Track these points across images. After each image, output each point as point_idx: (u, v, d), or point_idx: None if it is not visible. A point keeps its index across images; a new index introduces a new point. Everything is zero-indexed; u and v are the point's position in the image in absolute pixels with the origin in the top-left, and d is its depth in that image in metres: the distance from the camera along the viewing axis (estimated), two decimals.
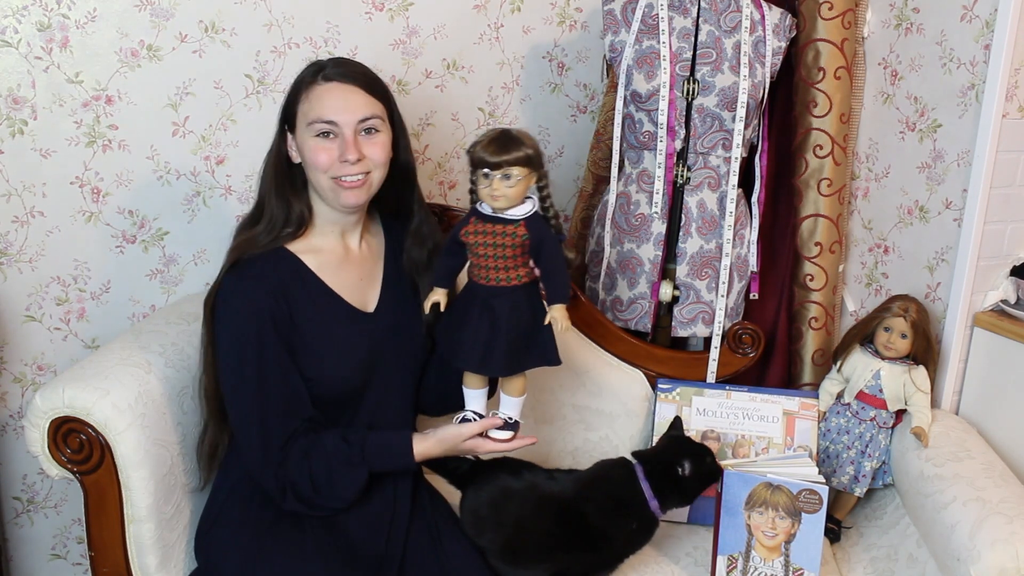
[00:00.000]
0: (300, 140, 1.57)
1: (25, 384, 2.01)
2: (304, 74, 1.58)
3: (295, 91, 1.58)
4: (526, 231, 1.48)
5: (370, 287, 1.67)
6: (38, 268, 1.95)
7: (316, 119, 1.54)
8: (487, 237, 1.49)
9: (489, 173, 1.46)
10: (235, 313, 1.52)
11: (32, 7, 1.83)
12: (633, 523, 1.64)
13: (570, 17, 2.30)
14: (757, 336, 2.03)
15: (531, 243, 1.49)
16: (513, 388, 1.58)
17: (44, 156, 1.91)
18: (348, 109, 1.54)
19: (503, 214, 1.49)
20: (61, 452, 1.50)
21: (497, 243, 1.49)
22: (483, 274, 1.51)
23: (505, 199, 1.47)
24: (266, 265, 1.54)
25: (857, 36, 2.09)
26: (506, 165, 1.45)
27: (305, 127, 1.55)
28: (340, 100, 1.54)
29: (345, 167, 1.54)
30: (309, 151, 1.55)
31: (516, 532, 1.62)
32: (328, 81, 1.55)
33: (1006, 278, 1.93)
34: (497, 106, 2.29)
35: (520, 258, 1.50)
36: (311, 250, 1.60)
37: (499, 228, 1.49)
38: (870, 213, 2.16)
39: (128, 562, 1.55)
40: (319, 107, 1.54)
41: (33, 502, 2.08)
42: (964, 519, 1.59)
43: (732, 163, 2.00)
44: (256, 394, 1.51)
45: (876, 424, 1.89)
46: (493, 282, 1.50)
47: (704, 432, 1.95)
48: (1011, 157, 1.85)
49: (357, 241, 1.67)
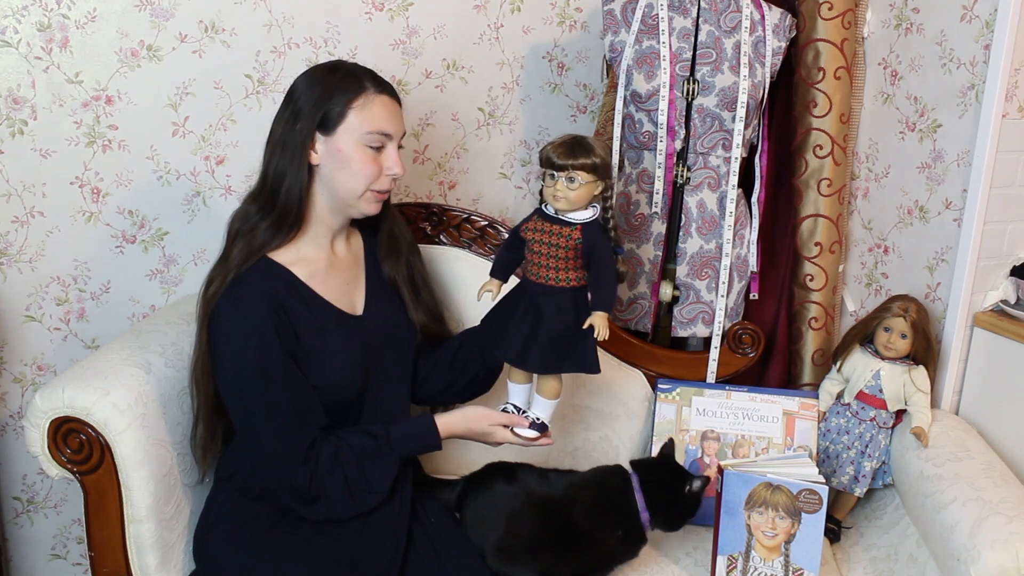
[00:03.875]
0: (341, 145, 1.54)
1: (25, 384, 2.01)
2: (346, 82, 1.54)
3: (344, 97, 1.53)
4: (581, 235, 1.52)
5: (355, 290, 1.67)
6: (38, 268, 1.96)
7: (377, 130, 1.54)
8: (544, 235, 1.54)
9: (555, 174, 1.51)
10: (238, 335, 1.50)
11: (32, 7, 1.83)
12: (620, 530, 1.64)
13: (570, 17, 2.30)
14: (757, 336, 2.03)
15: (584, 247, 1.52)
16: (547, 390, 1.62)
17: (44, 156, 1.91)
18: (399, 123, 1.58)
19: (564, 216, 1.53)
20: (61, 452, 1.50)
21: (552, 243, 1.53)
22: (535, 271, 1.55)
23: (566, 201, 1.51)
24: (259, 282, 1.52)
25: (857, 36, 2.09)
26: (571, 168, 1.50)
27: (359, 135, 1.53)
28: (394, 114, 1.57)
29: (387, 181, 1.58)
30: (356, 161, 1.54)
31: (507, 531, 1.63)
32: (382, 93, 1.56)
33: (1006, 278, 1.93)
34: (497, 106, 2.29)
35: (572, 261, 1.53)
36: (299, 260, 1.59)
37: (556, 228, 1.53)
38: (870, 213, 2.16)
39: (128, 562, 1.55)
40: (379, 119, 1.54)
41: (33, 502, 2.08)
42: (964, 519, 1.59)
43: (732, 163, 2.00)
44: (274, 412, 1.49)
45: (876, 424, 1.89)
46: (543, 280, 1.54)
47: (704, 432, 1.95)
48: (1011, 157, 1.85)
49: (343, 244, 1.68)
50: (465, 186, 2.32)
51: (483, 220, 2.00)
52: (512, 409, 1.64)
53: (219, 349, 1.52)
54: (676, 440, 1.95)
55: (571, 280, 1.54)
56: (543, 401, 1.63)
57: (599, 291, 1.55)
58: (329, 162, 1.55)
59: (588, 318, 1.53)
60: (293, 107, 1.55)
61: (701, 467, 1.95)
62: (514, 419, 1.62)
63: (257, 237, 1.55)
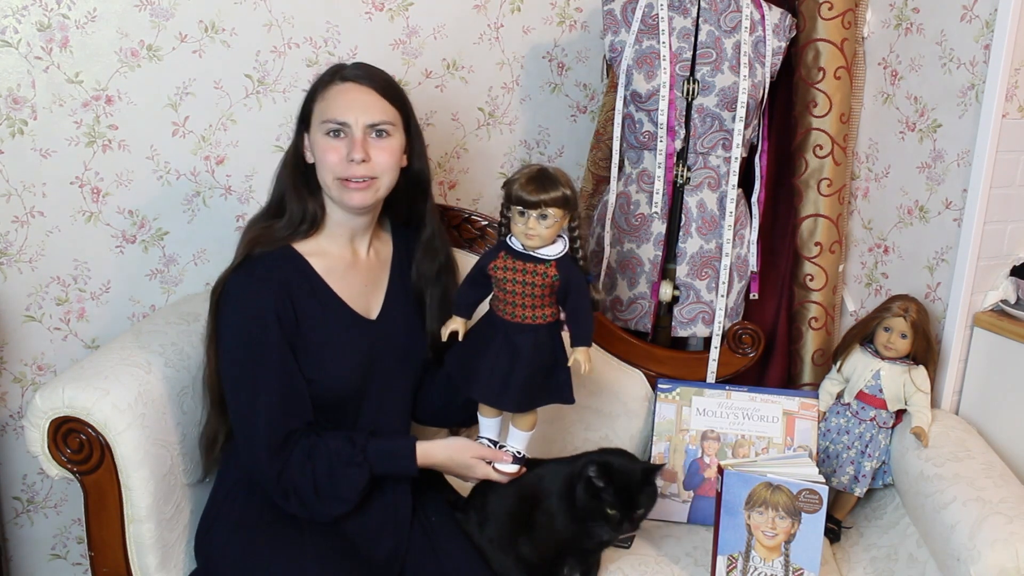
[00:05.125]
0: (312, 139, 1.58)
1: (25, 384, 2.01)
2: (323, 75, 1.60)
3: (313, 92, 1.60)
4: (556, 272, 1.49)
5: (374, 294, 1.67)
6: (38, 268, 1.96)
7: (328, 118, 1.55)
8: (517, 274, 1.50)
9: (525, 211, 1.47)
10: (240, 312, 1.52)
11: (32, 7, 1.83)
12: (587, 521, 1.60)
13: (570, 17, 2.30)
14: (757, 336, 2.03)
15: (560, 284, 1.50)
16: (524, 423, 1.60)
17: (44, 156, 1.91)
18: (359, 109, 1.55)
19: (535, 252, 1.50)
20: (61, 452, 1.50)
21: (527, 281, 1.50)
22: (508, 310, 1.51)
23: (539, 238, 1.48)
24: (273, 265, 1.54)
25: (857, 36, 2.09)
26: (543, 205, 1.46)
27: (318, 125, 1.56)
28: (352, 100, 1.56)
29: (351, 167, 1.54)
30: (319, 149, 1.56)
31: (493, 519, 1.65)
32: (344, 82, 1.57)
33: (1006, 278, 1.93)
34: (497, 106, 2.29)
35: (548, 297, 1.51)
36: (319, 252, 1.60)
37: (530, 267, 1.50)
38: (870, 213, 2.16)
39: (128, 562, 1.55)
40: (332, 107, 1.56)
41: (33, 502, 2.08)
42: (964, 519, 1.59)
43: (732, 163, 2.00)
44: (258, 392, 1.50)
45: (876, 424, 1.89)
46: (519, 319, 1.51)
47: (704, 432, 1.95)
48: (1011, 157, 1.85)
49: (365, 247, 1.67)
50: (465, 186, 2.32)
51: (483, 220, 2.00)
52: (487, 443, 1.61)
53: (221, 325, 1.54)
54: (676, 440, 1.96)
55: (547, 316, 1.52)
56: (520, 434, 1.60)
57: (579, 326, 1.52)
58: (312, 157, 1.59)
59: (572, 354, 1.51)
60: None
61: (701, 467, 1.95)
62: (496, 454, 1.60)
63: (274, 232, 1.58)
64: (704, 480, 1.94)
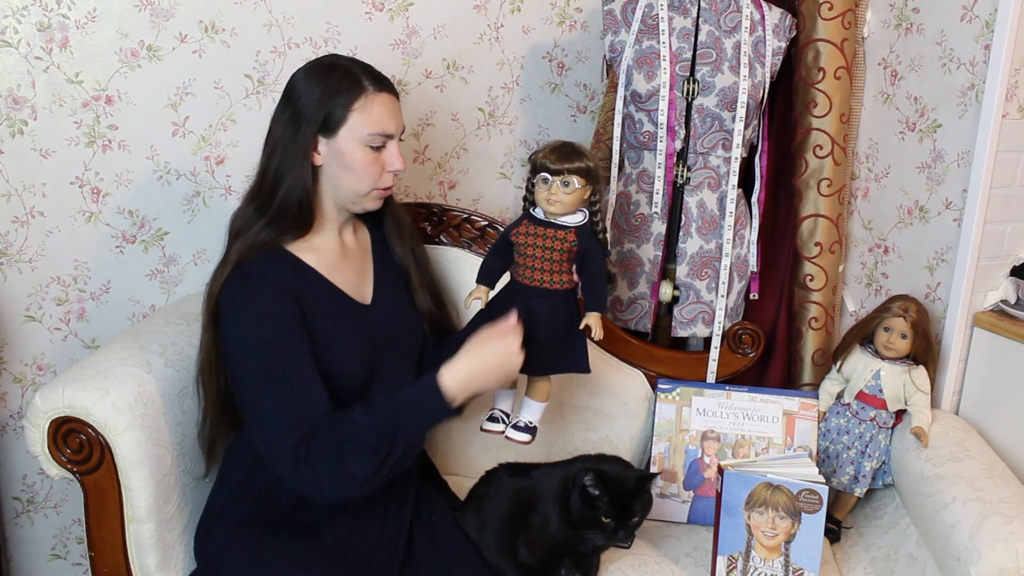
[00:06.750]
0: (344, 147, 1.53)
1: (25, 384, 2.01)
2: (343, 81, 1.53)
3: (342, 96, 1.52)
4: (575, 238, 1.54)
5: (364, 280, 1.68)
6: (38, 268, 1.96)
7: (378, 131, 1.54)
8: (537, 239, 1.56)
9: (549, 179, 1.52)
10: (247, 316, 1.48)
11: (32, 7, 1.83)
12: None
13: (570, 17, 2.30)
14: (757, 336, 2.03)
15: (578, 251, 1.55)
16: (539, 392, 1.62)
17: (44, 156, 1.91)
18: (397, 119, 1.57)
19: (556, 219, 1.55)
20: (61, 452, 1.50)
21: (546, 246, 1.55)
22: (528, 274, 1.56)
23: (561, 204, 1.53)
24: (267, 265, 1.53)
25: (857, 36, 2.09)
26: (567, 172, 1.51)
27: (360, 136, 1.53)
28: (392, 111, 1.57)
29: (390, 178, 1.58)
30: (359, 162, 1.54)
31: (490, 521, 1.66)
32: (381, 91, 1.55)
33: (1006, 278, 1.93)
34: (497, 106, 2.29)
35: (565, 263, 1.56)
36: (310, 249, 1.60)
37: (550, 232, 1.55)
38: (870, 213, 2.16)
39: (128, 562, 1.55)
40: (379, 119, 1.54)
41: (33, 502, 2.08)
42: (964, 519, 1.59)
43: (732, 163, 2.00)
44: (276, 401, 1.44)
45: (876, 424, 1.89)
46: (536, 283, 1.56)
47: (704, 432, 1.95)
48: (1011, 157, 1.85)
49: (351, 235, 1.68)
50: (465, 186, 2.32)
51: (483, 220, 2.00)
52: (500, 415, 1.63)
53: (228, 331, 1.49)
54: (676, 440, 1.96)
55: (564, 282, 1.56)
56: (534, 404, 1.62)
57: (593, 292, 1.57)
58: (332, 163, 1.56)
59: (583, 319, 1.55)
60: (293, 108, 1.55)
61: (701, 467, 1.95)
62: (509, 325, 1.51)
63: (258, 236, 1.55)
64: (704, 480, 1.94)
